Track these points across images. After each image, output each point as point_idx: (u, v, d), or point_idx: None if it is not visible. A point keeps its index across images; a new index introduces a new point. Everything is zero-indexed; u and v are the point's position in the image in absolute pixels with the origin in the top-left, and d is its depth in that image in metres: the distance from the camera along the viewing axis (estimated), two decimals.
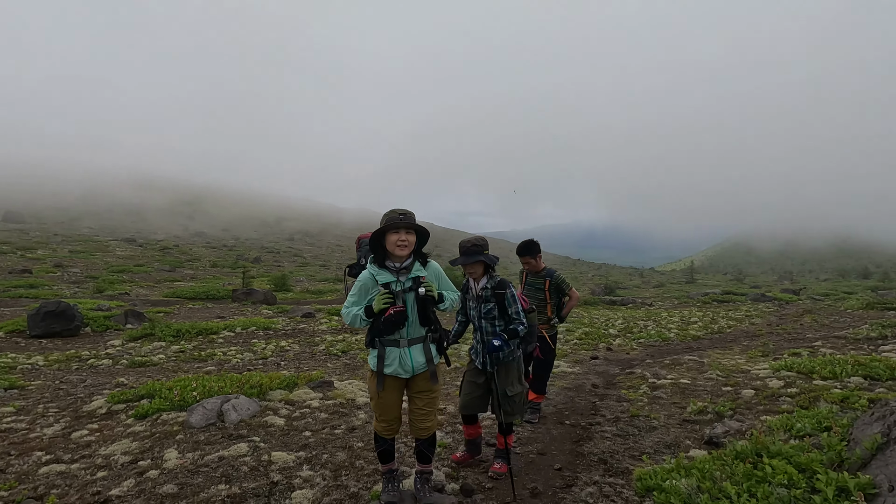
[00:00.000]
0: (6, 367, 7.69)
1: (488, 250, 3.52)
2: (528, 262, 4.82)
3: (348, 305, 2.92)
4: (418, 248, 2.98)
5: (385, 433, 3.04)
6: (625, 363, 8.12)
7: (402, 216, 2.87)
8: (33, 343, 9.99)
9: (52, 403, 5.59)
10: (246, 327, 11.78)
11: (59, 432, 4.55)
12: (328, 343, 10.12)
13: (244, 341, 10.44)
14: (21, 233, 43.16)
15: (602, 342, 10.43)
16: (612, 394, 6.00)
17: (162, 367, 8.02)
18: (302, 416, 4.91)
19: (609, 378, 6.94)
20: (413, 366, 2.94)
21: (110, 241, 42.81)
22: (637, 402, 5.52)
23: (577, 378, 6.90)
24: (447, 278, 3.14)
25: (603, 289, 25.36)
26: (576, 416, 5.11)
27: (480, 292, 3.54)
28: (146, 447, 4.04)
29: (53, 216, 58.47)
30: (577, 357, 8.64)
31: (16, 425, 4.78)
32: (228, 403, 4.69)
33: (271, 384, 5.65)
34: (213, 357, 8.71)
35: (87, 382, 6.73)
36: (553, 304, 4.83)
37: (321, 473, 3.58)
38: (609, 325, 13.49)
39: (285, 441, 4.21)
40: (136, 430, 4.46)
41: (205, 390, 5.15)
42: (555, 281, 4.77)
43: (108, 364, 8.15)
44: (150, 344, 9.86)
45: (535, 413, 4.93)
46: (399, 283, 2.91)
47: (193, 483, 3.38)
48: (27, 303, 15.05)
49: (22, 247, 33.91)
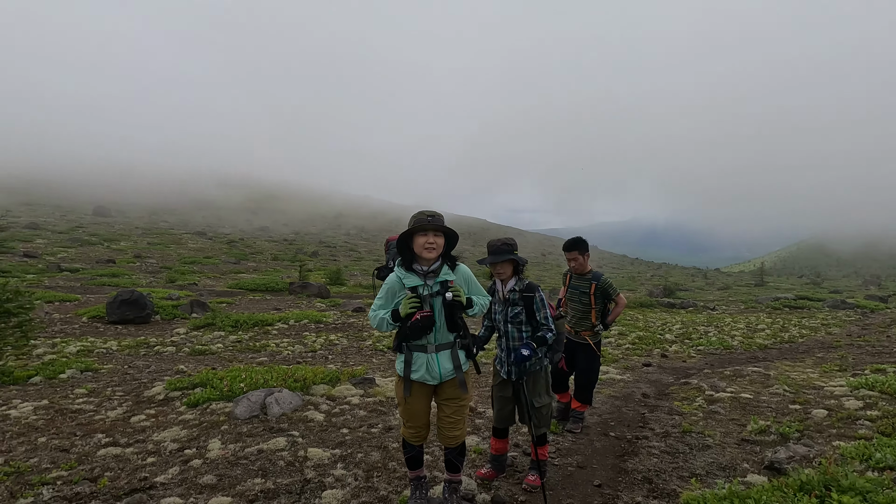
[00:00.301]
0: (85, 350, 8.38)
1: (518, 251, 3.38)
2: (575, 259, 4.54)
3: (375, 308, 2.88)
4: (447, 251, 2.89)
5: (413, 440, 2.98)
6: (680, 372, 7.65)
7: (431, 217, 2.79)
8: (110, 328, 10.83)
9: (118, 387, 6.01)
10: (299, 320, 12.19)
11: (120, 416, 4.86)
12: (375, 339, 10.26)
13: (296, 333, 10.80)
14: (108, 226, 47.14)
15: (657, 348, 9.91)
16: (663, 405, 5.65)
17: (219, 356, 8.44)
18: (341, 412, 4.97)
19: (661, 388, 6.56)
20: (441, 372, 2.86)
21: (183, 234, 45.89)
22: (691, 417, 5.16)
23: (626, 386, 6.57)
24: (477, 282, 3.03)
25: (661, 290, 24.14)
26: (622, 428, 4.85)
27: (508, 295, 3.40)
28: (193, 436, 4.23)
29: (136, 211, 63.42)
30: (629, 363, 8.24)
31: (85, 406, 5.17)
32: (272, 396, 4.83)
33: (315, 378, 5.78)
34: (266, 348, 9.07)
35: (151, 368, 7.20)
36: (598, 310, 4.57)
37: (354, 473, 3.59)
38: (665, 329, 12.81)
39: (322, 437, 4.27)
40: (186, 418, 4.69)
41: (251, 382, 5.34)
42: (601, 285, 4.51)
43: (172, 351, 8.68)
44: (211, 333, 10.42)
45: (578, 423, 4.72)
46: (426, 286, 2.83)
47: (232, 475, 3.49)
48: (109, 290, 16.38)
49: (108, 238, 37.04)
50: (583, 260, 4.54)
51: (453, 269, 2.92)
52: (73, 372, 6.66)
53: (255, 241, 48.32)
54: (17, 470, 3.50)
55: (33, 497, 3.10)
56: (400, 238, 2.83)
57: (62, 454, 3.85)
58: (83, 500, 3.08)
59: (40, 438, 4.19)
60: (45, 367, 6.80)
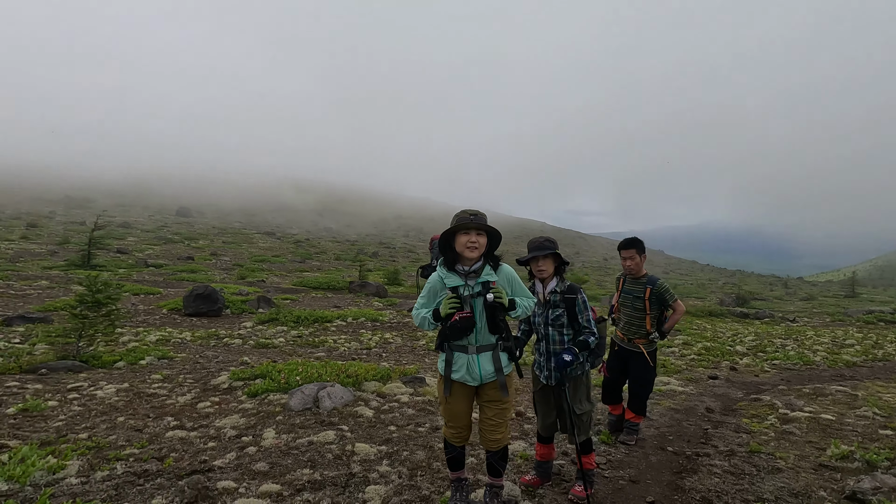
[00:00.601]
0: (163, 339, 9.08)
1: (558, 251, 3.27)
2: (631, 258, 4.28)
3: (417, 307, 2.89)
4: (489, 250, 2.84)
5: (454, 440, 2.96)
6: (751, 387, 7.09)
7: (473, 216, 2.75)
8: (186, 320, 11.68)
9: (189, 375, 6.45)
10: (356, 318, 12.55)
11: (188, 401, 5.21)
12: (429, 339, 10.35)
13: (353, 331, 11.12)
14: (188, 225, 50.99)
15: (725, 360, 9.25)
16: (729, 422, 5.26)
17: (281, 349, 8.85)
18: (390, 409, 5.05)
19: (728, 403, 6.11)
20: (481, 374, 2.82)
21: (254, 234, 48.72)
22: (760, 436, 4.77)
23: (688, 399, 6.18)
24: (522, 283, 2.96)
25: (733, 299, 22.55)
26: (681, 443, 4.57)
27: (548, 296, 3.28)
28: (250, 424, 4.45)
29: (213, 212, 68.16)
30: (693, 375, 7.75)
31: (159, 391, 5.59)
32: (324, 391, 4.99)
33: (366, 375, 5.91)
34: (324, 344, 9.40)
35: (219, 358, 7.67)
36: (653, 317, 4.32)
37: (398, 471, 3.62)
38: (736, 340, 11.94)
39: (370, 433, 4.35)
40: (246, 406, 4.94)
41: (306, 376, 5.55)
42: (657, 290, 4.26)
43: (239, 343, 9.21)
44: (274, 328, 10.96)
45: (632, 434, 4.49)
46: (467, 286, 2.79)
47: (282, 464, 3.63)
48: (187, 285, 17.68)
49: (188, 237, 40.05)
50: (639, 260, 4.31)
51: (496, 269, 2.87)
52: (152, 359, 7.23)
53: (320, 242, 50.39)
54: (98, 445, 3.84)
55: (108, 471, 3.38)
56: (442, 237, 2.82)
57: (136, 433, 4.18)
58: (150, 477, 3.32)
59: (119, 418, 4.58)
60: (128, 353, 7.43)
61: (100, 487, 3.13)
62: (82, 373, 6.28)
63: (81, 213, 47.89)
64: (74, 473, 3.29)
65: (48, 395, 5.19)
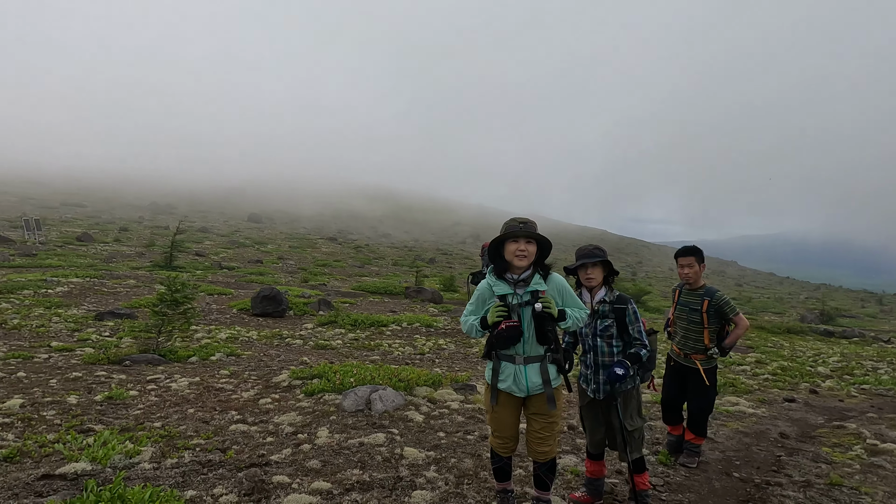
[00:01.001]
0: (232, 337, 9.66)
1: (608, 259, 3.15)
2: (690, 266, 4.04)
3: (466, 314, 2.89)
4: (539, 259, 2.80)
5: (500, 450, 2.92)
6: (833, 413, 6.47)
7: (523, 224, 2.72)
8: (253, 320, 12.36)
9: (254, 372, 6.81)
10: (411, 323, 12.73)
11: (251, 397, 5.50)
12: (482, 346, 10.31)
13: (408, 336, 11.29)
14: (258, 230, 54.07)
15: (804, 381, 8.50)
16: (806, 449, 4.83)
17: (338, 351, 9.15)
18: (440, 415, 5.07)
19: (806, 429, 5.61)
20: (528, 385, 2.77)
21: (318, 239, 50.80)
22: (843, 467, 4.34)
23: (759, 422, 5.74)
24: (574, 294, 2.88)
25: (817, 315, 20.69)
26: (749, 470, 4.25)
27: (597, 306, 3.17)
28: (306, 422, 4.63)
29: (281, 217, 71.87)
30: (766, 396, 7.18)
31: (226, 386, 5.95)
32: (376, 393, 5.10)
33: (418, 380, 5.97)
34: (379, 347, 9.62)
35: (280, 357, 8.05)
36: (712, 331, 4.05)
37: (445, 477, 3.63)
38: (818, 360, 10.94)
39: (419, 438, 4.39)
40: (303, 405, 5.15)
41: (360, 378, 5.70)
42: (715, 302, 3.99)
43: (300, 344, 9.62)
44: (333, 330, 11.35)
45: (694, 456, 4.23)
46: (516, 295, 2.76)
47: (334, 463, 3.74)
48: (255, 286, 18.71)
49: (258, 241, 42.46)
50: (699, 269, 4.06)
51: (546, 278, 2.82)
52: (221, 355, 7.71)
53: (379, 247, 51.71)
54: (169, 434, 4.14)
55: (177, 458, 3.64)
56: (491, 245, 2.81)
57: (203, 425, 4.47)
58: (213, 467, 3.54)
59: (189, 409, 4.92)
60: (200, 349, 7.97)
61: (169, 474, 3.38)
62: (160, 366, 6.81)
63: (165, 218, 52.06)
64: (148, 459, 3.57)
65: (130, 385, 5.67)
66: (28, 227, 27.24)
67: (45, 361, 6.56)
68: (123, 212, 53.95)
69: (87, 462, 3.31)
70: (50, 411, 4.57)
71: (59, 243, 28.03)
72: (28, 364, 6.32)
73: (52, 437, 3.86)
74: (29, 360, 6.50)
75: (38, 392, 5.13)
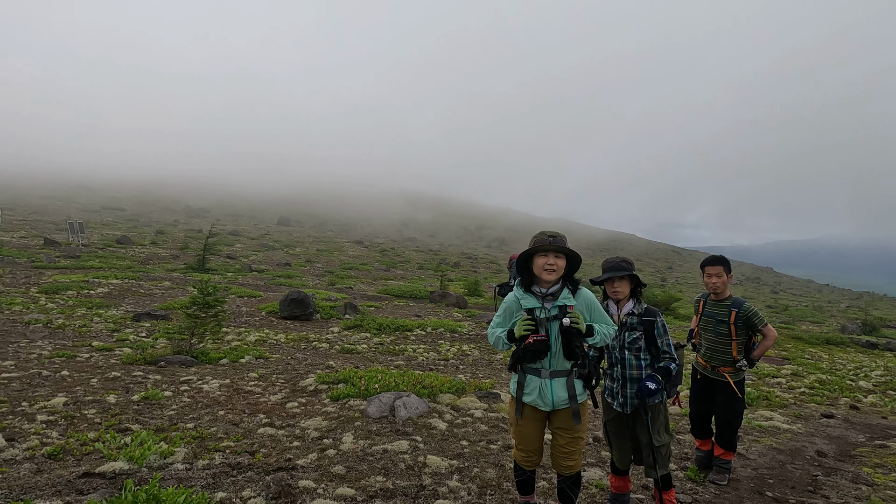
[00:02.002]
0: (261, 340, 9.90)
1: (635, 272, 3.11)
2: (718, 275, 3.94)
3: (493, 326, 2.89)
4: (568, 273, 2.78)
5: (524, 464, 2.91)
6: (876, 430, 6.18)
7: (552, 238, 2.71)
8: (281, 323, 12.63)
9: (281, 375, 6.96)
10: (436, 328, 12.78)
11: (279, 400, 5.63)
12: (506, 354, 10.26)
13: (432, 341, 11.34)
14: (287, 233, 55.19)
15: (844, 396, 8.15)
16: (845, 469, 4.63)
17: (363, 356, 9.26)
18: (463, 423, 5.07)
19: (845, 447, 5.38)
20: (553, 400, 2.75)
21: (345, 243, 51.51)
22: (885, 490, 4.15)
23: (794, 438, 5.53)
24: (602, 309, 2.85)
25: (859, 325, 19.77)
26: (783, 489, 4.10)
27: (625, 318, 3.12)
28: (332, 427, 4.71)
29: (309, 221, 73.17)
30: (802, 411, 6.92)
31: (255, 389, 6.10)
32: (400, 400, 5.14)
33: (442, 387, 5.99)
34: (404, 352, 9.69)
35: (307, 361, 8.20)
36: (740, 342, 3.95)
37: (467, 487, 3.63)
38: (860, 374, 10.46)
39: (443, 446, 4.41)
40: (328, 410, 5.24)
41: (384, 384, 5.76)
42: (743, 313, 3.89)
43: (326, 347, 9.78)
44: (358, 334, 11.49)
45: (724, 473, 4.12)
46: (544, 309, 2.75)
47: (358, 469, 3.80)
48: (284, 289, 19.11)
49: (287, 244, 43.34)
50: (726, 279, 3.97)
51: (574, 293, 2.80)
52: (250, 358, 7.91)
53: (404, 251, 52.04)
54: (201, 436, 4.28)
55: (208, 460, 3.76)
56: (519, 258, 2.81)
57: (233, 427, 4.61)
58: (242, 469, 3.64)
59: (220, 411, 5.07)
60: (231, 351, 8.20)
61: (200, 475, 3.49)
62: (192, 367, 7.03)
63: (199, 221, 53.69)
64: (181, 460, 3.70)
65: (164, 385, 5.88)
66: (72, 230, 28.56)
67: (87, 361, 6.86)
68: (160, 215, 55.90)
69: (125, 461, 3.45)
70: (91, 410, 4.78)
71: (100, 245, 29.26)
72: (71, 363, 6.63)
73: (92, 435, 4.04)
74: (72, 360, 6.82)
75: (80, 391, 5.38)
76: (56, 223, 37.10)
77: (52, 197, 56.02)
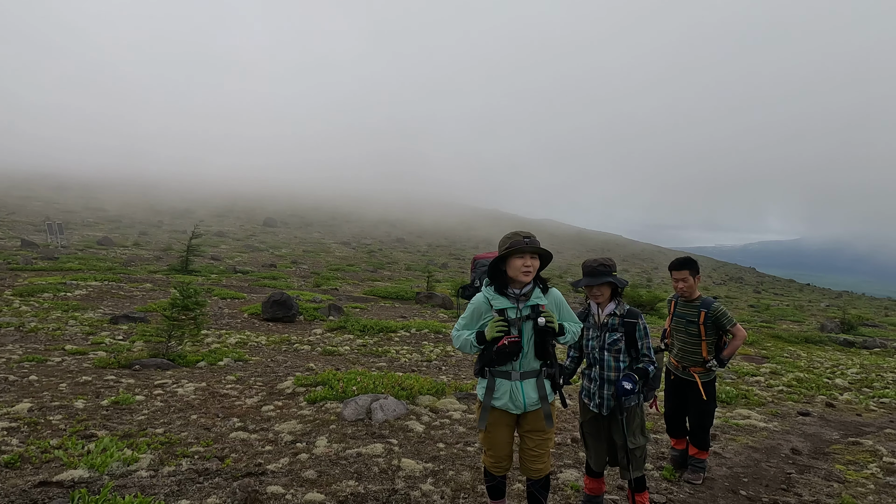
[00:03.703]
0: (241, 342, 9.75)
1: (617, 272, 3.08)
2: (684, 280, 3.98)
3: (459, 329, 2.83)
4: (538, 272, 2.76)
5: (494, 469, 2.86)
6: (850, 428, 6.27)
7: (528, 239, 2.67)
8: (263, 325, 12.46)
9: (259, 378, 6.85)
10: (420, 329, 12.71)
11: (255, 404, 5.53)
12: None
13: (416, 342, 11.27)
14: (273, 235, 54.70)
15: (821, 394, 8.26)
16: (819, 467, 4.68)
17: (345, 357, 9.17)
18: (441, 425, 5.03)
19: (820, 444, 5.44)
20: (525, 402, 2.71)
21: (332, 244, 51.23)
22: (856, 487, 4.19)
23: (770, 436, 5.58)
24: (569, 308, 2.83)
25: (837, 324, 20.13)
26: (757, 487, 4.12)
27: (606, 319, 3.11)
28: (306, 431, 4.63)
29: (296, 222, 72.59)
30: (779, 409, 6.99)
31: (231, 392, 5.99)
32: (377, 402, 5.08)
33: (421, 388, 5.95)
34: (386, 354, 9.61)
35: (287, 364, 8.08)
36: (710, 343, 3.97)
37: (441, 490, 3.59)
38: (836, 372, 10.63)
39: (418, 449, 4.36)
40: (304, 413, 5.16)
41: (362, 386, 5.69)
42: (712, 313, 3.91)
43: (307, 350, 9.66)
44: (341, 336, 11.38)
45: (698, 472, 4.13)
46: (517, 310, 2.71)
47: (330, 473, 3.73)
48: (268, 291, 18.88)
49: (272, 246, 42.96)
50: (693, 282, 3.99)
51: (545, 292, 2.77)
52: (229, 361, 7.78)
53: (392, 252, 51.90)
54: (170, 441, 4.18)
55: (175, 466, 3.66)
56: (494, 261, 2.75)
57: (204, 432, 4.50)
58: (209, 476, 3.55)
59: (193, 415, 4.96)
60: (209, 354, 8.06)
61: (165, 482, 3.40)
62: (169, 370, 6.89)
63: (183, 222, 52.98)
64: (146, 466, 3.60)
65: (137, 389, 5.75)
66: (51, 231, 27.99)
67: (58, 365, 6.68)
68: (144, 216, 55.06)
69: (86, 469, 3.35)
70: (56, 416, 4.64)
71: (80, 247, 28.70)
72: (41, 367, 6.45)
73: (54, 442, 3.92)
74: (42, 364, 6.63)
75: (47, 396, 5.23)
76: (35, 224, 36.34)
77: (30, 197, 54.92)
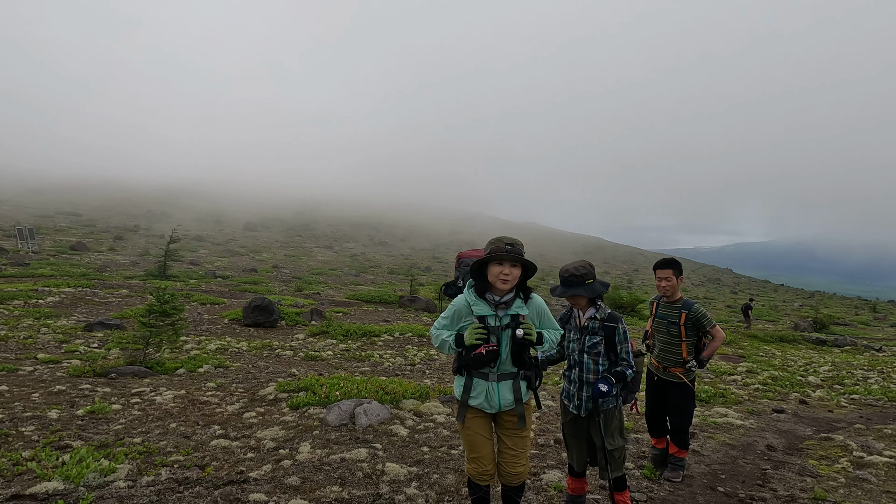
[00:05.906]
0: (221, 349, 9.59)
1: (594, 278, 3.12)
2: (668, 279, 4.06)
3: (438, 328, 2.82)
4: (523, 281, 2.76)
5: (479, 478, 2.81)
6: (822, 424, 6.46)
7: (509, 247, 2.64)
8: (244, 330, 12.29)
9: (240, 384, 6.75)
10: (403, 333, 12.68)
11: (236, 411, 5.45)
12: None
13: (399, 346, 11.24)
14: (254, 239, 53.98)
15: (795, 391, 8.50)
16: (793, 462, 4.81)
17: (328, 362, 9.10)
18: (425, 429, 5.03)
19: (794, 440, 5.59)
20: (500, 402, 2.74)
21: (314, 248, 50.78)
22: (828, 481, 4.32)
23: (747, 434, 5.72)
24: (551, 315, 2.86)
25: (810, 323, 20.73)
26: (734, 484, 4.23)
27: (586, 322, 3.16)
28: (289, 437, 4.58)
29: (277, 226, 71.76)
30: (756, 407, 7.17)
31: (211, 399, 5.89)
32: (361, 407, 5.06)
33: (405, 393, 5.94)
34: (370, 358, 9.57)
35: (269, 369, 7.99)
36: (690, 343, 4.07)
37: (426, 494, 3.59)
38: (809, 370, 10.95)
39: (403, 453, 4.35)
40: (287, 419, 5.10)
41: (346, 391, 5.66)
42: (692, 314, 4.01)
43: (290, 355, 9.56)
44: (324, 340, 11.29)
45: (678, 470, 4.21)
46: (496, 317, 2.72)
47: (314, 479, 3.70)
48: (249, 296, 18.62)
49: (253, 250, 42.38)
50: (676, 282, 4.08)
51: (527, 300, 2.79)
52: (209, 367, 7.65)
53: (375, 256, 51.68)
54: (148, 450, 4.10)
55: (154, 476, 3.59)
56: (473, 266, 2.73)
57: (184, 440, 4.43)
58: (189, 485, 3.49)
59: (172, 424, 4.87)
60: (189, 360, 7.91)
61: (144, 492, 3.33)
62: (146, 378, 6.75)
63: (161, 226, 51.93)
64: (124, 477, 3.52)
65: (114, 398, 5.62)
66: (21, 236, 27.13)
67: (30, 374, 6.49)
68: (119, 220, 53.79)
69: (61, 481, 3.26)
70: (29, 427, 4.51)
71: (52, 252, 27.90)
72: (12, 377, 6.26)
73: (27, 454, 3.80)
74: (13, 373, 6.43)
75: (18, 407, 5.08)
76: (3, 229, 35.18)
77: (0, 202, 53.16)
